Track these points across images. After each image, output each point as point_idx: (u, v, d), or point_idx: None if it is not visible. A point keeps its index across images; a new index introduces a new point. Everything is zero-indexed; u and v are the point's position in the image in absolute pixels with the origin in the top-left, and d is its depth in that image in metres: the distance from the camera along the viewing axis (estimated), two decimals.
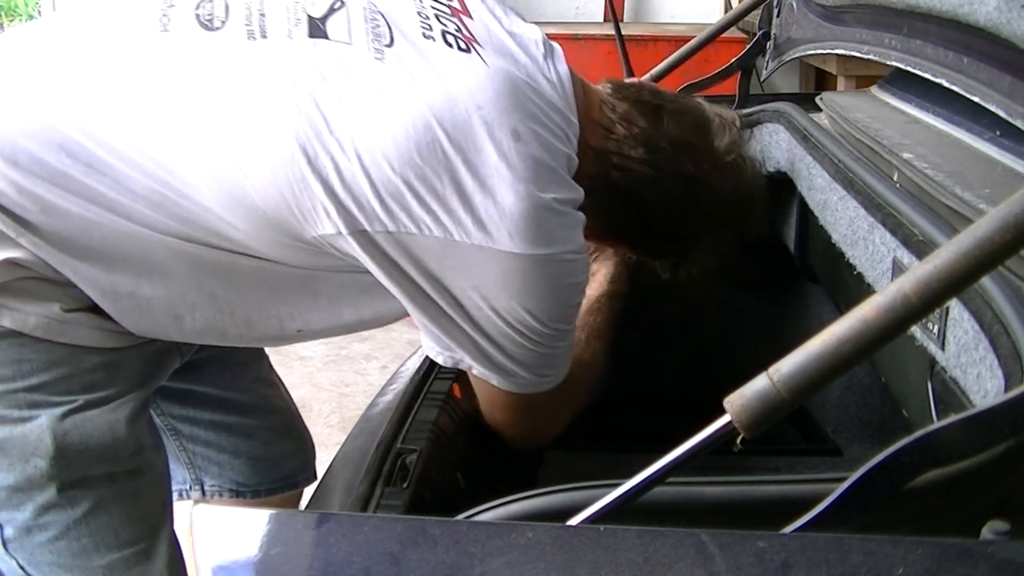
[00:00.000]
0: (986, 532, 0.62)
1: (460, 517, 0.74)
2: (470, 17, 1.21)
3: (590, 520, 0.67)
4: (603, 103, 1.28)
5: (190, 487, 1.54)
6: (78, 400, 1.14)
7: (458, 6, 1.22)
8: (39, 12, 5.56)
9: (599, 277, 1.54)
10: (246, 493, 1.55)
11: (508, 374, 1.17)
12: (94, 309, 1.13)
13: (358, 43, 1.11)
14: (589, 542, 0.61)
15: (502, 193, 1.06)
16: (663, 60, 2.01)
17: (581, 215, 1.15)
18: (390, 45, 1.11)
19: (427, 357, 1.39)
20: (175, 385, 1.39)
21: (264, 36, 1.11)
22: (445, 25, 1.16)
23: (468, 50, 1.13)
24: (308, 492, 1.28)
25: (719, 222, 1.36)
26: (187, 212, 1.07)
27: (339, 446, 1.26)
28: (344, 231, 1.06)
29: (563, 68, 1.22)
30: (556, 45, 1.26)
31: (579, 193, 1.15)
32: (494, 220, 1.06)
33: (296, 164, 1.05)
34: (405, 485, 1.06)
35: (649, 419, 1.95)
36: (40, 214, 1.06)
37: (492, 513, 0.77)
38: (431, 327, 1.14)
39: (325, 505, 1.12)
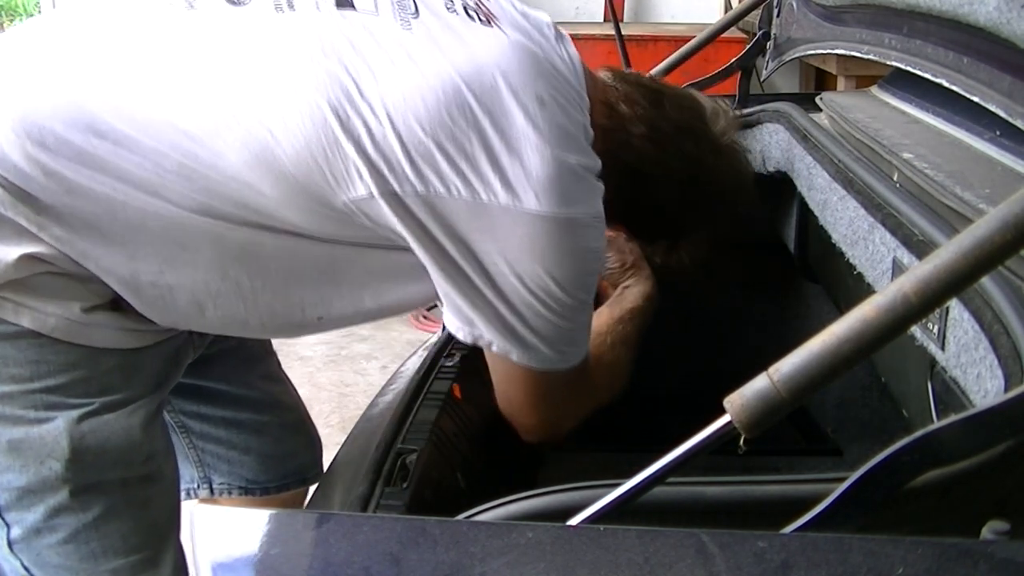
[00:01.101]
0: (986, 532, 0.62)
1: (460, 517, 0.74)
2: None
3: (590, 520, 0.67)
4: (607, 86, 1.30)
5: (198, 486, 1.54)
6: (95, 403, 1.14)
7: None
8: (39, 12, 5.56)
9: (634, 292, 1.53)
10: (255, 490, 1.55)
11: (527, 347, 1.17)
12: (114, 307, 1.13)
13: (384, 13, 1.13)
14: (589, 542, 0.61)
15: (529, 155, 1.08)
16: (663, 60, 2.01)
17: (600, 184, 1.16)
18: (415, 15, 1.13)
19: (427, 358, 1.39)
20: (186, 381, 1.39)
21: (292, 8, 1.13)
22: (465, 0, 1.18)
23: (489, 23, 1.16)
24: (309, 492, 1.28)
25: (716, 206, 1.38)
26: (214, 183, 1.08)
27: (339, 446, 1.26)
28: (375, 192, 1.07)
29: (572, 51, 1.25)
30: (564, 32, 1.28)
31: (597, 162, 1.16)
32: (521, 181, 1.07)
33: (328, 127, 1.06)
34: (405, 485, 1.06)
35: (649, 419, 1.95)
36: (65, 195, 1.06)
37: (492, 513, 0.77)
38: (455, 298, 1.14)
39: (325, 505, 1.12)
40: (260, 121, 1.07)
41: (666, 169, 1.29)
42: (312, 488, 1.60)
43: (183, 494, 1.48)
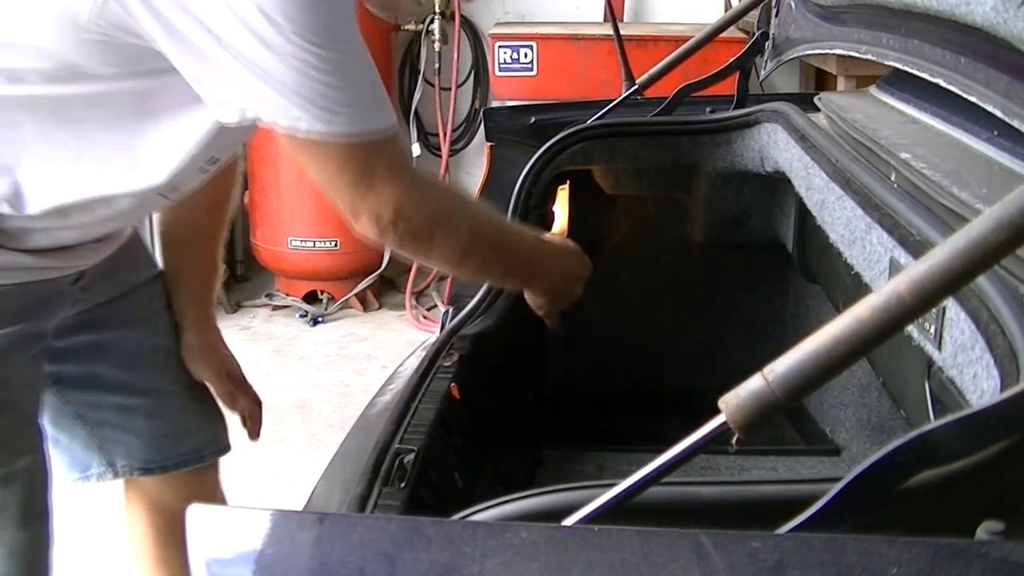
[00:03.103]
0: (980, 532, 0.62)
1: (455, 517, 0.74)
2: None
3: (585, 520, 0.67)
4: None
5: (104, 470, 1.58)
6: None
7: None
8: None
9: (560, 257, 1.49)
10: (154, 469, 1.59)
11: (282, 107, 1.12)
12: None
13: None
14: (583, 542, 0.61)
15: None
16: (663, 60, 2.01)
17: None
18: None
19: (426, 357, 1.39)
20: (80, 370, 1.47)
21: None
22: None
23: None
24: (306, 492, 1.27)
25: None
26: (8, 44, 1.15)
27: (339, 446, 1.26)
28: None
29: None
30: None
31: None
32: None
33: None
34: (403, 485, 1.05)
35: (648, 419, 1.95)
36: None
37: (488, 513, 0.77)
38: (198, 72, 1.14)
39: (323, 505, 1.12)
40: None
41: None
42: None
43: (94, 479, 1.57)
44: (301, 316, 3.99)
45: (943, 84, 1.29)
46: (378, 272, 3.96)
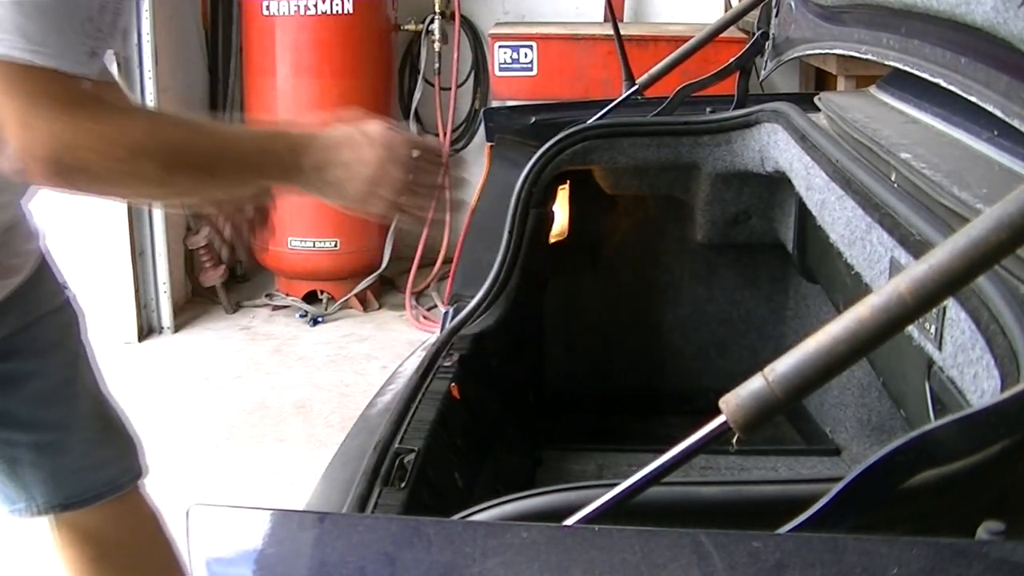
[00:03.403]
0: (981, 532, 0.62)
1: (455, 517, 0.74)
2: None
3: (585, 520, 0.67)
4: None
5: (26, 506, 1.57)
6: None
7: None
8: None
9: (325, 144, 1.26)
10: (73, 504, 1.58)
11: None
12: None
13: None
14: (584, 542, 0.61)
15: None
16: (663, 60, 2.01)
17: None
18: None
19: (426, 358, 1.39)
20: None
21: None
22: None
23: None
24: (306, 492, 1.27)
25: None
26: None
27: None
28: None
29: None
30: None
31: None
32: None
33: None
34: (403, 485, 1.05)
35: (648, 419, 1.95)
36: None
37: (488, 513, 0.77)
38: None
39: (323, 505, 1.12)
40: None
41: None
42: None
43: (16, 514, 1.55)
44: (301, 316, 3.98)
45: (943, 84, 1.29)
46: (378, 272, 3.96)
